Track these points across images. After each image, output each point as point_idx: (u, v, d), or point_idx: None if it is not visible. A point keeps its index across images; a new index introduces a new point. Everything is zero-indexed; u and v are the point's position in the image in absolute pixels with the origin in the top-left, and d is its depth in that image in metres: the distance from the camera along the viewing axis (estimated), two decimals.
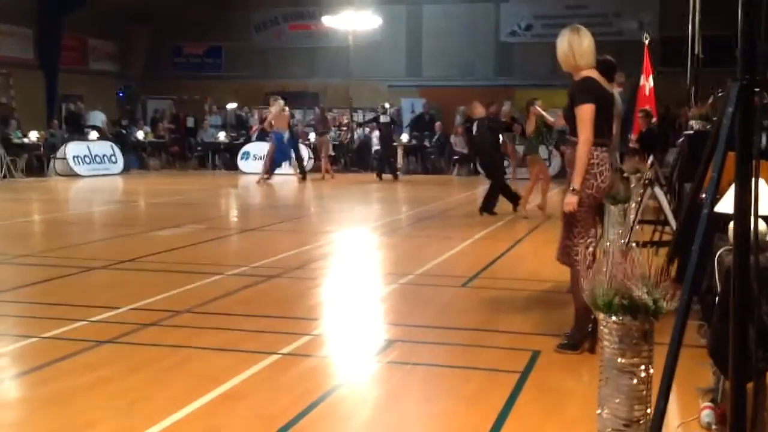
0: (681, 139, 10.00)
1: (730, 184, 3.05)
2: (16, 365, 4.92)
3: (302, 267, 8.17)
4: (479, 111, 13.11)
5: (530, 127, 12.20)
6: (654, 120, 13.91)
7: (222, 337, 5.46)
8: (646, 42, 14.42)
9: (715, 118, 6.23)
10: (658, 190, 7.47)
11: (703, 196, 2.71)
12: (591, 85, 4.90)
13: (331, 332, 5.75)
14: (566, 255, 5.10)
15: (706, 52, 12.43)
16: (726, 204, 3.01)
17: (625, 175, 8.67)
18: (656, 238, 8.31)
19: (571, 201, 4.91)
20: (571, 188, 4.89)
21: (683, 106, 14.18)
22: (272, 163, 18.97)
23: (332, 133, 24.33)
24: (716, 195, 2.71)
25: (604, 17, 24.82)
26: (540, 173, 12.70)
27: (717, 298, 3.50)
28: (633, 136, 13.34)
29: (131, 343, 5.30)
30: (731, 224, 3.17)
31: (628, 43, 19.70)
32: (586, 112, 4.84)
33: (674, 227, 7.17)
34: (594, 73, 4.95)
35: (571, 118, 4.95)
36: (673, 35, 20.60)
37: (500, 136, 13.74)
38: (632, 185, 8.58)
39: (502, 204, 12.84)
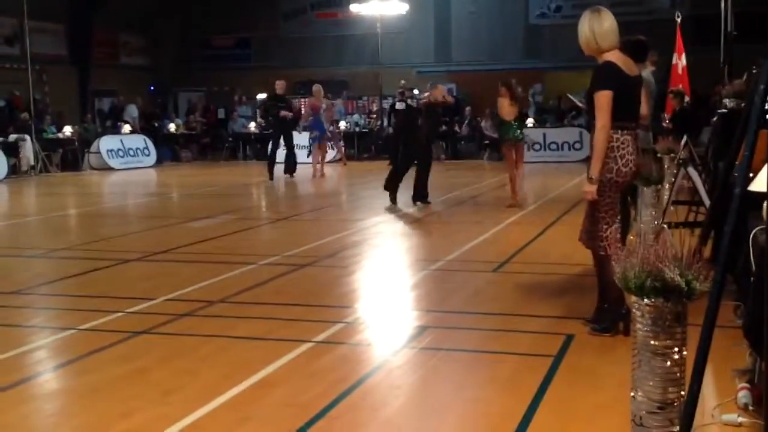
0: (715, 118, 9.85)
1: (763, 163, 3.01)
2: (55, 357, 5.00)
3: (333, 255, 8.20)
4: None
5: (503, 110, 11.64)
6: (687, 99, 13.71)
7: (255, 327, 5.50)
8: (678, 20, 14.21)
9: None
10: (692, 170, 7.37)
11: (736, 174, 2.66)
12: (609, 71, 4.82)
13: (363, 320, 5.75)
14: (589, 239, 5.05)
15: (740, 28, 12.21)
16: (759, 183, 2.95)
17: (659, 155, 8.57)
18: (691, 218, 8.21)
19: (590, 190, 4.85)
20: (589, 176, 4.84)
21: (717, 84, 13.98)
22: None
23: (360, 120, 24.43)
24: (749, 174, 2.66)
25: None
26: (509, 161, 11.77)
27: (752, 278, 3.45)
28: (666, 116, 13.17)
29: (166, 333, 5.36)
30: (765, 203, 3.12)
31: (660, 22, 19.39)
32: (603, 99, 4.77)
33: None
34: (616, 56, 4.87)
35: (591, 103, 4.89)
36: (706, 12, 20.32)
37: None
38: (666, 166, 8.48)
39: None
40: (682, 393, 2.78)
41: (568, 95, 13.74)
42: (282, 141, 17.45)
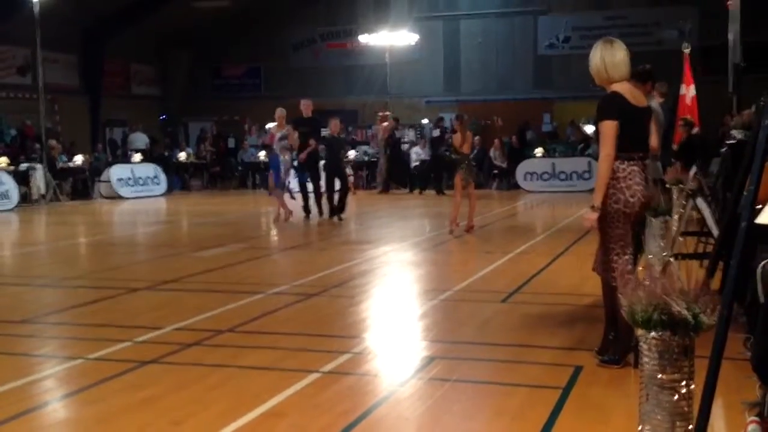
0: (724, 149, 9.85)
1: None
2: (63, 386, 5.01)
3: (342, 285, 8.20)
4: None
5: (455, 142, 11.94)
6: (697, 129, 13.72)
7: (263, 356, 5.50)
8: (687, 51, 14.26)
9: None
10: (701, 201, 7.37)
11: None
12: (613, 101, 4.86)
13: (371, 350, 5.74)
14: (601, 269, 5.06)
15: (749, 59, 12.24)
16: (766, 216, 2.96)
17: (667, 186, 8.56)
18: (700, 249, 8.18)
19: (590, 218, 4.89)
20: (591, 204, 4.87)
21: (726, 115, 14.01)
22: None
23: (370, 150, 24.51)
24: (755, 207, 2.67)
25: (644, 27, 24.64)
26: (460, 193, 12.08)
27: (760, 311, 3.44)
28: (675, 146, 13.17)
29: (175, 363, 5.36)
30: None
31: (669, 53, 19.50)
32: (606, 129, 4.82)
33: None
34: (624, 87, 4.91)
35: (598, 134, 4.94)
36: (714, 43, 20.42)
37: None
38: (675, 197, 8.47)
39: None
40: (690, 427, 2.76)
41: (579, 124, 13.79)
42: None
